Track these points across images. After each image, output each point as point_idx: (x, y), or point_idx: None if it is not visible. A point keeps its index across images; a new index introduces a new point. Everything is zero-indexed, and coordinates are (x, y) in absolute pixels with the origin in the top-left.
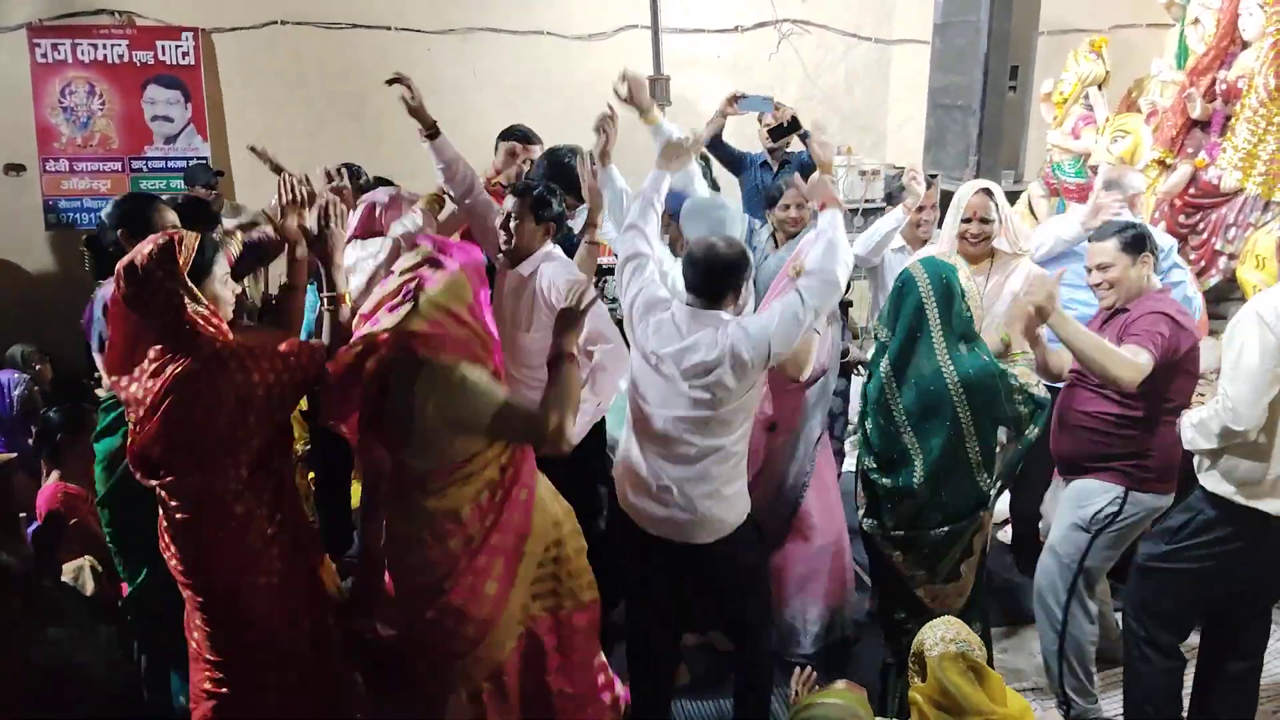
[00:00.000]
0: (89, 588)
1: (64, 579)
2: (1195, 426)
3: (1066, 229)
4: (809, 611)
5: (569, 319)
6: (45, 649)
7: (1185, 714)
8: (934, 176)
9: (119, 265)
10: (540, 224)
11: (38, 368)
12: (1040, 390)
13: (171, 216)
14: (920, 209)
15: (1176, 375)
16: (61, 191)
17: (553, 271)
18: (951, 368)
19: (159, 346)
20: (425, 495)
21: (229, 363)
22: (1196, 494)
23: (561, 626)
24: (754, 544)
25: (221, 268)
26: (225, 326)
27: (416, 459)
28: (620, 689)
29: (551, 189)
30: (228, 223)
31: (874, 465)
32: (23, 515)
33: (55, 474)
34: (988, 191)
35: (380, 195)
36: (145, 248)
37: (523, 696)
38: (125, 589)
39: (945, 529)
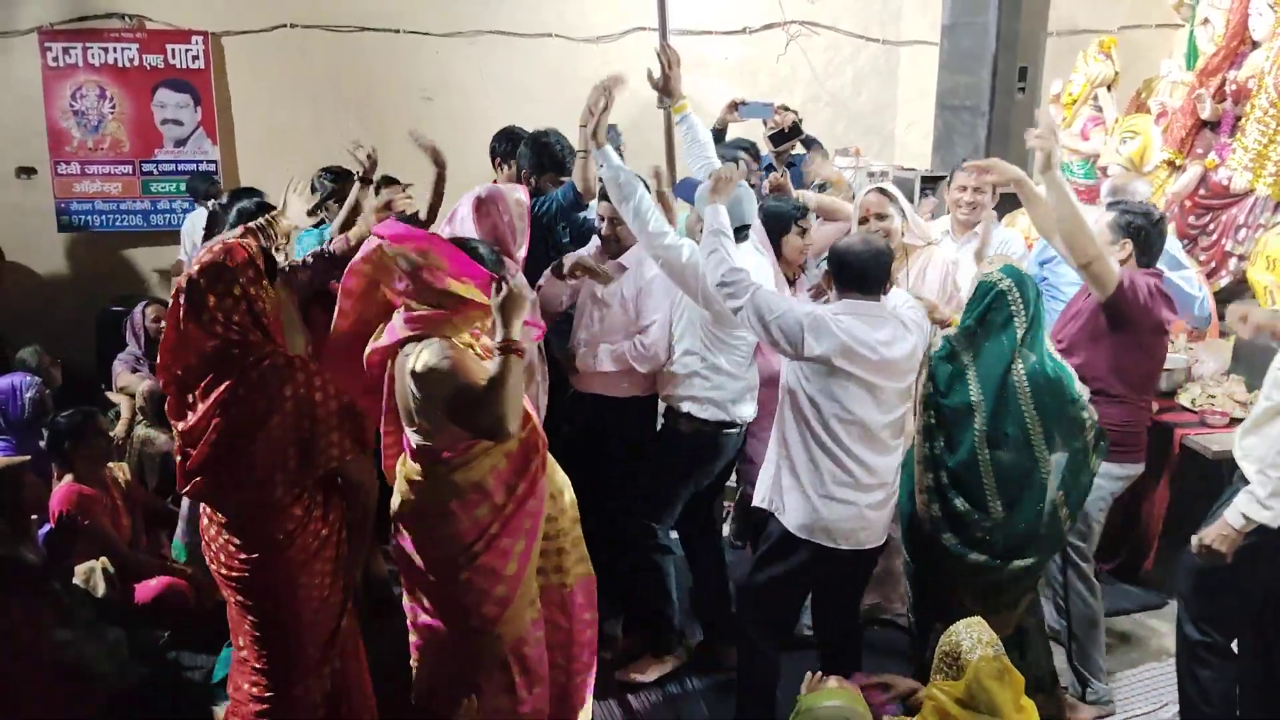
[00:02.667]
0: (100, 589)
1: (75, 581)
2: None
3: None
4: None
5: (515, 306)
6: (53, 649)
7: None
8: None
9: (179, 280)
10: None
11: (49, 368)
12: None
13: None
14: (963, 189)
15: (1140, 355)
16: (73, 194)
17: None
18: (1023, 374)
19: (210, 362)
20: (450, 469)
21: (279, 375)
22: (1231, 490)
23: (563, 601)
24: None
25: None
26: (280, 336)
27: (433, 438)
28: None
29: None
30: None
31: (947, 482)
32: (34, 517)
33: (68, 476)
34: (882, 190)
35: (480, 191)
36: (206, 259)
37: (540, 669)
38: (136, 591)
39: (1021, 562)
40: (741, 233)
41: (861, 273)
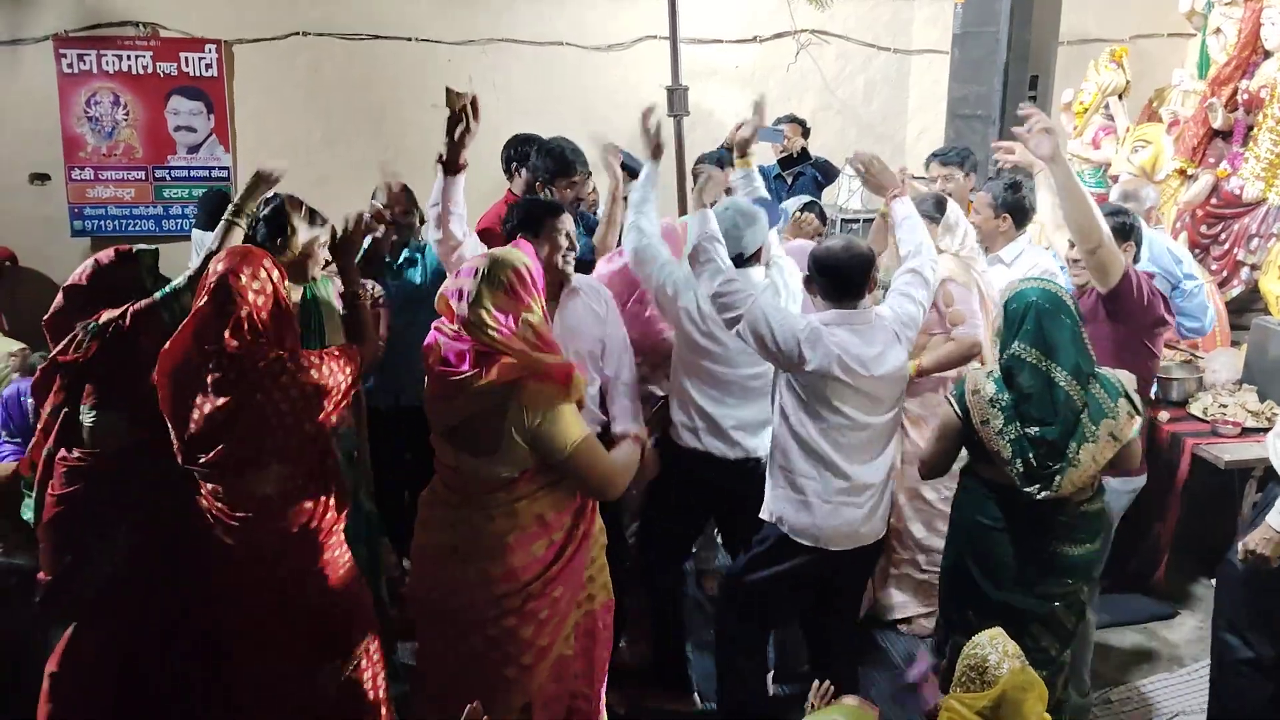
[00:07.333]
0: None
1: None
2: None
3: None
4: None
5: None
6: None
7: None
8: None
9: (206, 279)
10: None
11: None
12: None
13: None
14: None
15: (1141, 353)
16: (86, 200)
17: (587, 280)
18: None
19: (214, 360)
20: (513, 498)
21: (276, 372)
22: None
23: (588, 629)
24: None
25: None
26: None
27: (502, 466)
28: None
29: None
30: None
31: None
32: None
33: None
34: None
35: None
36: (223, 264)
37: (546, 701)
38: None
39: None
40: (750, 260)
41: (843, 280)
